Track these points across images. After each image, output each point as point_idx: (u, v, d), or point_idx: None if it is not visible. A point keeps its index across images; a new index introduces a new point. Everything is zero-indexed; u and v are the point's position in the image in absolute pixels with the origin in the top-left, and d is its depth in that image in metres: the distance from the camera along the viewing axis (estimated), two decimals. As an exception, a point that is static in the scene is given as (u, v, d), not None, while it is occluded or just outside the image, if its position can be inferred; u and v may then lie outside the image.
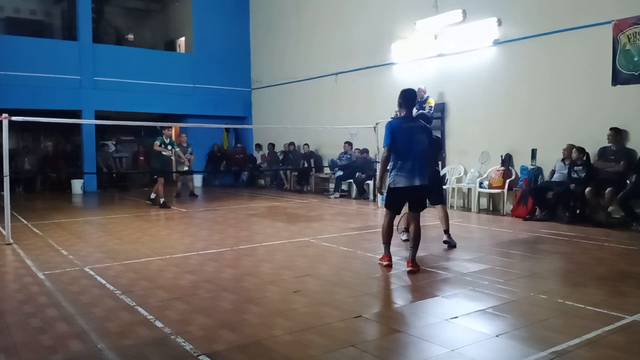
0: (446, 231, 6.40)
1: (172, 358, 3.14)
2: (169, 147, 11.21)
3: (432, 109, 10.64)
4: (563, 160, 8.78)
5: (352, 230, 7.96)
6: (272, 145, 15.96)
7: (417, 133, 5.08)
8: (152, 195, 11.12)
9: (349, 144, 13.05)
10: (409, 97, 5.22)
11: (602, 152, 8.33)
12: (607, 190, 7.91)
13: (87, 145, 15.00)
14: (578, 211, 8.47)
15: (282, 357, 3.12)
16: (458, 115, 10.90)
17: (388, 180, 5.16)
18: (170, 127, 11.69)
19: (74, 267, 5.46)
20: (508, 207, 9.56)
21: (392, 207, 5.27)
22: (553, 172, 8.92)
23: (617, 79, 8.36)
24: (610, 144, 8.21)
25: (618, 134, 8.11)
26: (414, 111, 11.03)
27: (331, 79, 14.11)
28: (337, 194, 12.76)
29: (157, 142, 11.03)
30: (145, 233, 7.71)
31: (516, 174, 9.73)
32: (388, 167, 5.13)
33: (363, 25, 13.09)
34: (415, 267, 5.14)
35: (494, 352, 3.24)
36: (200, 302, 4.22)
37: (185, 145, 12.70)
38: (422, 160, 5.09)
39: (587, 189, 8.04)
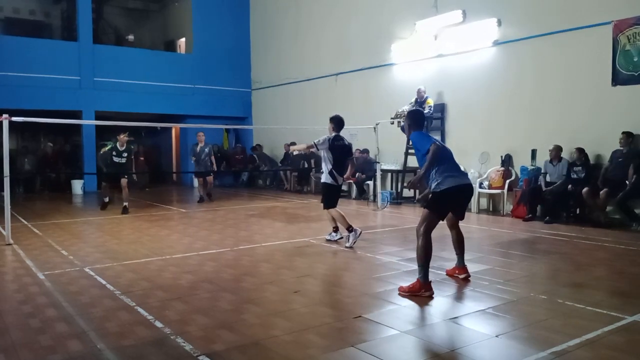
0: (336, 229, 6.94)
1: (172, 358, 3.14)
2: (124, 154, 10.20)
3: (432, 109, 10.64)
4: (551, 161, 8.75)
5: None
6: (260, 147, 16.49)
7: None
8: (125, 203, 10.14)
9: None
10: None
11: (612, 155, 8.19)
12: (602, 191, 7.89)
13: (87, 146, 15.00)
14: (578, 211, 8.46)
15: (282, 358, 3.11)
16: (458, 115, 10.90)
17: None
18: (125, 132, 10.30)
19: (73, 268, 5.45)
20: (508, 207, 9.56)
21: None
22: (545, 174, 8.88)
23: (617, 79, 8.36)
24: (621, 147, 8.04)
25: (629, 137, 7.98)
26: (409, 107, 11.13)
27: (331, 80, 14.11)
28: (337, 194, 12.72)
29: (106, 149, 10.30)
30: (145, 233, 7.71)
31: (516, 174, 9.73)
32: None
33: (363, 26, 13.09)
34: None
35: (494, 352, 3.24)
36: (200, 302, 4.22)
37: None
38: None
39: (584, 190, 8.03)
